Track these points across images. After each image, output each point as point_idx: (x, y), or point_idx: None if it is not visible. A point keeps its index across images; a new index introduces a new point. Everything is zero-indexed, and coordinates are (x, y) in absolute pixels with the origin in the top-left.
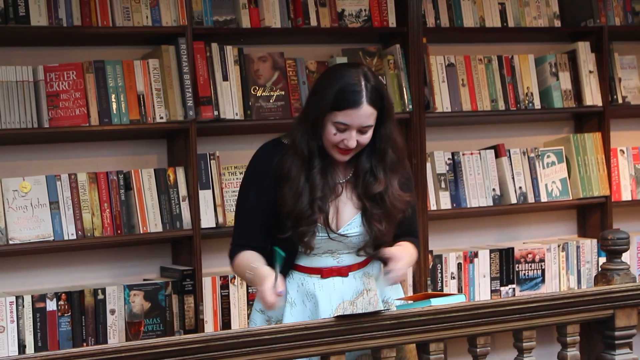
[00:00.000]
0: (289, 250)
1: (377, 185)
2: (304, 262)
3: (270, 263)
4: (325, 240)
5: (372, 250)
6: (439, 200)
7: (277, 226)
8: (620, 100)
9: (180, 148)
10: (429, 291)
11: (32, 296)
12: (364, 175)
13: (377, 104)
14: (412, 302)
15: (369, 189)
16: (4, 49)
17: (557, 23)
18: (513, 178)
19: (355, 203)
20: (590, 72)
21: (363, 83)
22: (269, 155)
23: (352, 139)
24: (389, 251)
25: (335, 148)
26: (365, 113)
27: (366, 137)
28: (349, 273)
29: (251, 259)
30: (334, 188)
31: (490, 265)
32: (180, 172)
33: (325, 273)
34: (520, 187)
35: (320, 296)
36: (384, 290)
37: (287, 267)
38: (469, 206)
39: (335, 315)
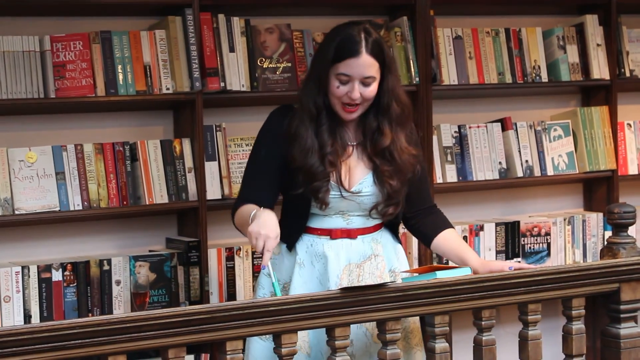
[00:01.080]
0: (302, 211)
1: (384, 139)
2: (314, 223)
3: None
4: (338, 199)
5: (385, 211)
6: (445, 173)
7: (290, 184)
8: (627, 74)
9: (187, 119)
10: (435, 264)
11: (38, 266)
12: (372, 133)
13: (378, 55)
14: (417, 274)
15: (377, 144)
16: (11, 19)
17: None
18: (519, 151)
19: (366, 163)
20: (598, 45)
21: (363, 35)
22: (281, 118)
23: (355, 91)
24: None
25: (341, 105)
26: (366, 63)
27: (370, 91)
28: (358, 236)
29: (254, 208)
30: (345, 148)
31: (496, 238)
32: (187, 144)
33: (334, 234)
34: (526, 161)
35: (329, 256)
36: (391, 260)
37: (297, 234)
38: (475, 179)
39: (341, 286)
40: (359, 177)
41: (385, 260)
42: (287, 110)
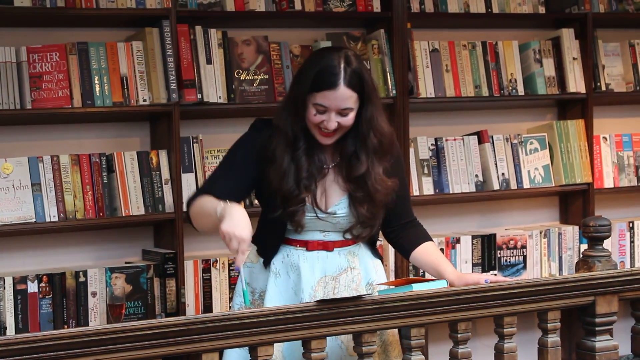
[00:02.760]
0: (279, 231)
1: (359, 167)
2: (291, 235)
3: None
4: (314, 220)
5: (359, 233)
6: (422, 185)
7: (267, 205)
8: (603, 88)
9: (163, 131)
10: (411, 276)
11: (13, 278)
12: (348, 158)
13: (356, 87)
14: (394, 287)
15: (351, 170)
16: None
17: (542, 9)
18: (496, 164)
19: (341, 186)
20: (574, 59)
21: (342, 66)
22: (262, 129)
23: (332, 121)
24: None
25: (318, 130)
26: (343, 95)
27: (347, 120)
28: (334, 248)
29: (214, 203)
30: (321, 170)
31: (472, 251)
32: (163, 155)
33: (310, 246)
34: (502, 174)
35: (303, 267)
36: (369, 273)
37: (277, 244)
38: (451, 192)
39: (315, 298)
40: (334, 199)
41: (363, 273)
42: (270, 124)
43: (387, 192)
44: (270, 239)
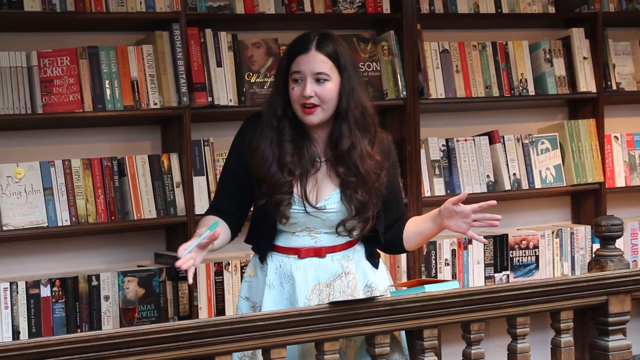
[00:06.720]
0: (269, 224)
1: (344, 142)
2: (282, 242)
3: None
4: (302, 215)
5: (352, 226)
6: (433, 186)
7: (255, 195)
8: (614, 87)
9: (174, 134)
10: (423, 277)
11: (26, 282)
12: (334, 140)
13: (330, 53)
14: (406, 288)
15: (337, 150)
16: None
17: (552, 9)
18: (507, 164)
19: (334, 180)
20: (585, 58)
21: (313, 34)
22: (252, 125)
23: (307, 88)
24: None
25: (301, 108)
26: (316, 59)
27: (324, 90)
28: (327, 254)
29: (207, 223)
30: (313, 164)
31: (484, 251)
32: (175, 159)
33: (302, 253)
34: (514, 174)
35: (297, 277)
36: (367, 275)
37: (267, 248)
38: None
39: (309, 300)
40: (325, 193)
41: (361, 276)
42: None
43: (377, 169)
44: (262, 233)
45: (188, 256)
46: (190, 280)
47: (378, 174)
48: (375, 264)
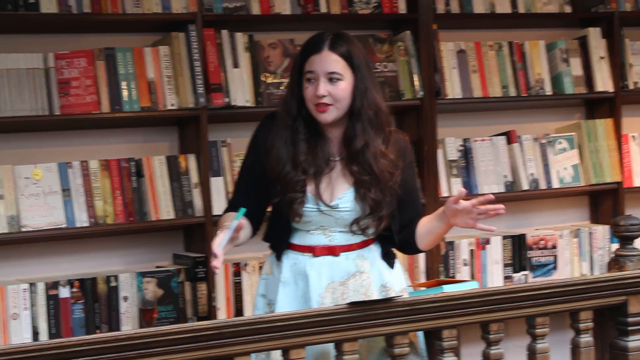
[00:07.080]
0: (284, 222)
1: (357, 141)
2: (297, 239)
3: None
4: (316, 213)
5: (366, 225)
6: (451, 186)
7: (271, 194)
8: (631, 86)
9: (192, 135)
10: (442, 278)
11: (46, 283)
12: (348, 139)
13: (343, 52)
14: (424, 288)
15: (351, 148)
16: (15, 37)
17: (568, 9)
18: (525, 164)
19: (348, 178)
20: (601, 58)
21: (327, 34)
22: (268, 124)
23: (320, 87)
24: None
25: (315, 107)
26: (328, 58)
27: (337, 90)
28: (341, 253)
29: (228, 219)
30: (327, 163)
31: (503, 251)
32: (192, 159)
33: (317, 251)
34: (531, 174)
35: (311, 274)
36: (382, 275)
37: (283, 246)
38: (480, 193)
39: (324, 305)
40: (339, 191)
41: (376, 275)
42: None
43: (391, 168)
44: (279, 230)
45: (221, 255)
46: (218, 265)
47: (392, 173)
48: (391, 264)
